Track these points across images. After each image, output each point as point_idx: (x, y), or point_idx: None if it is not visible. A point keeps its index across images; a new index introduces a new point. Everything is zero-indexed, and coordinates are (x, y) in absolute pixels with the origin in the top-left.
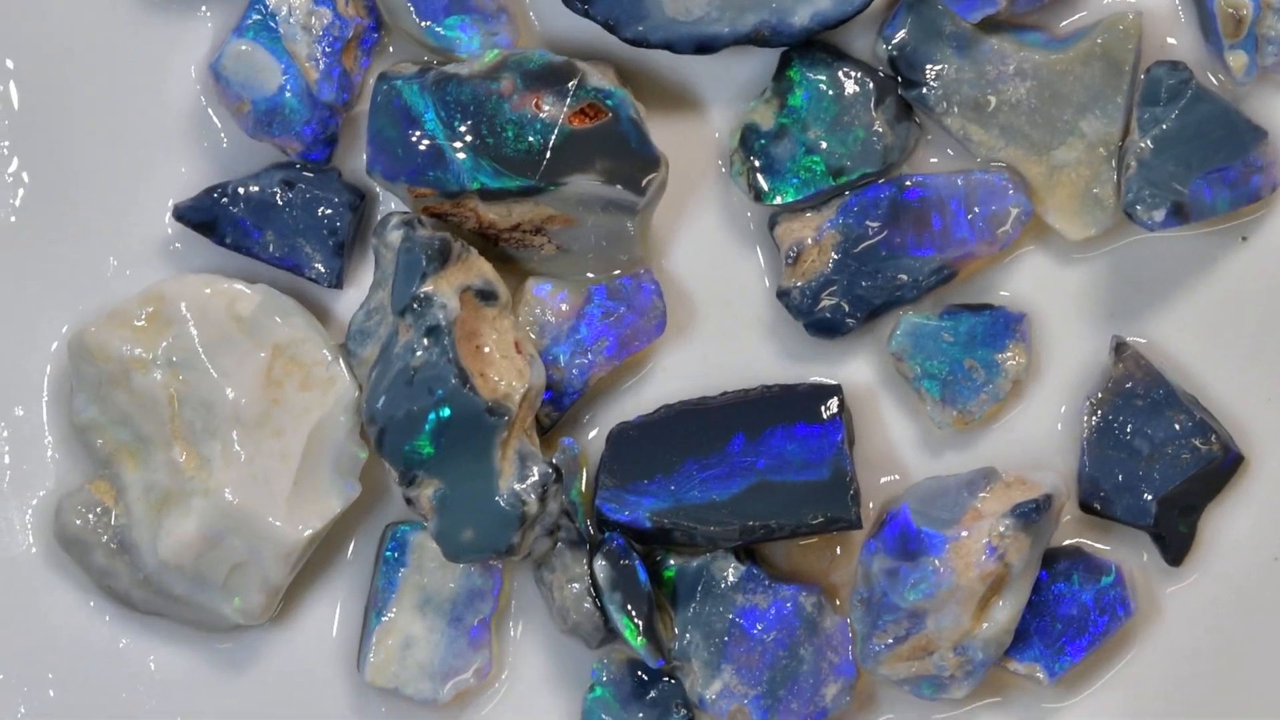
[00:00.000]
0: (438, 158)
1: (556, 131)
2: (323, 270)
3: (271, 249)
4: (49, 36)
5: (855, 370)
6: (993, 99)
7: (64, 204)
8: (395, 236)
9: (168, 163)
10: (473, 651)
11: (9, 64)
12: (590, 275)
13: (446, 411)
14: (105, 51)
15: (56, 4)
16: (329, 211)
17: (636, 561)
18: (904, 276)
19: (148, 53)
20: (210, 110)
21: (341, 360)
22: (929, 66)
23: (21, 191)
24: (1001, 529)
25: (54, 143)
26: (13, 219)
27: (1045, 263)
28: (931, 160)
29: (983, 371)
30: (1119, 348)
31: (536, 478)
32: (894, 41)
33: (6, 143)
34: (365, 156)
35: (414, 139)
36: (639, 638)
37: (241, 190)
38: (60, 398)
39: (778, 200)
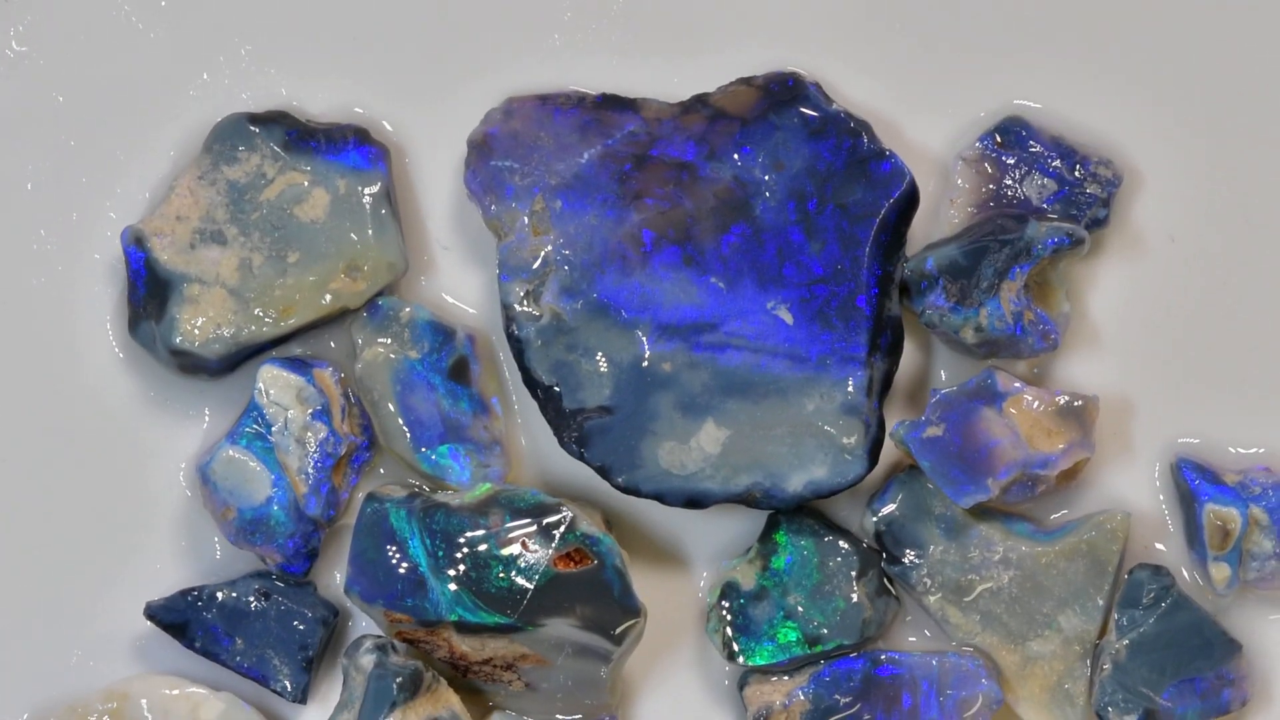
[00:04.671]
0: (418, 586)
1: (540, 573)
2: (288, 686)
3: (240, 658)
4: (40, 411)
5: None
6: (975, 584)
7: (33, 592)
8: (368, 661)
9: (144, 558)
10: None
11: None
12: (557, 717)
13: None
14: (95, 440)
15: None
16: (301, 626)
17: None
18: None
19: (139, 447)
20: (193, 509)
21: None
22: (915, 545)
23: None
24: None
25: (30, 525)
26: None
27: None
28: (910, 639)
29: None
30: None
31: None
32: (882, 515)
33: None
34: (346, 575)
35: (396, 564)
36: None
37: (218, 595)
38: None
39: (750, 662)
